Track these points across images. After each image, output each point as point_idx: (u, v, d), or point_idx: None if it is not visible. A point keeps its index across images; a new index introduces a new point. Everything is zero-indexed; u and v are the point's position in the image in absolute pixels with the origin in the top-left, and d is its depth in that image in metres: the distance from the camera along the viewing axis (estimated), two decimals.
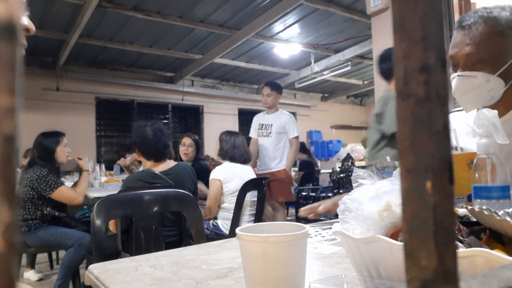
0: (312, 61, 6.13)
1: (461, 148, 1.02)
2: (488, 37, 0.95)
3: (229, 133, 2.81)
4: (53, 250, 3.03)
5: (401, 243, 0.35)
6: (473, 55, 0.97)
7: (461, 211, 0.54)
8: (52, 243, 2.48)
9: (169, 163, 2.19)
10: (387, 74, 2.32)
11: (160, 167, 2.13)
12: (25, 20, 0.65)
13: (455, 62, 1.02)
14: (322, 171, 5.95)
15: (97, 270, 0.72)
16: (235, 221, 2.41)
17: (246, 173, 2.70)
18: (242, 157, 2.72)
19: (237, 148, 2.72)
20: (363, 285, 0.47)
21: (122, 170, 4.58)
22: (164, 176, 2.06)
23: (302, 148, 5.60)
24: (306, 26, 5.12)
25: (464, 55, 0.98)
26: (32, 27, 0.66)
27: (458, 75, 0.99)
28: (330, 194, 4.13)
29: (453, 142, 0.88)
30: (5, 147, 0.11)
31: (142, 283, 0.62)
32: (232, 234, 2.35)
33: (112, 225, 1.98)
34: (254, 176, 2.76)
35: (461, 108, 1.23)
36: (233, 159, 2.69)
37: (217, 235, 2.50)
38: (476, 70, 0.97)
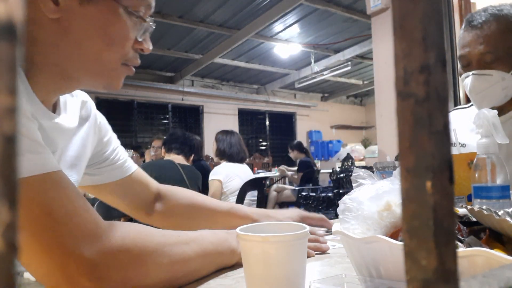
0: (312, 61, 6.14)
1: (462, 144, 1.03)
2: (502, 35, 0.96)
3: (224, 132, 2.82)
4: None
5: (401, 243, 0.35)
6: (488, 54, 0.97)
7: (461, 211, 0.54)
8: None
9: (183, 160, 2.44)
10: None
11: (179, 160, 2.37)
12: (147, 41, 0.64)
13: (466, 62, 1.03)
14: (322, 171, 5.94)
15: None
16: None
17: (244, 172, 2.70)
18: (239, 155, 2.73)
19: (233, 147, 2.72)
20: (363, 285, 0.47)
21: None
22: (180, 168, 2.27)
23: (300, 147, 5.59)
24: (306, 26, 5.12)
25: (478, 54, 0.99)
26: (148, 46, 0.64)
27: (473, 74, 1.00)
28: (330, 194, 4.13)
29: (452, 139, 0.89)
30: (5, 147, 0.11)
31: None
32: None
33: None
34: (252, 175, 2.76)
35: (464, 106, 1.23)
36: (231, 158, 2.69)
37: None
38: (491, 68, 0.98)
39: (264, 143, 8.46)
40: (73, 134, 0.70)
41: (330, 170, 4.78)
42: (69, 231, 0.46)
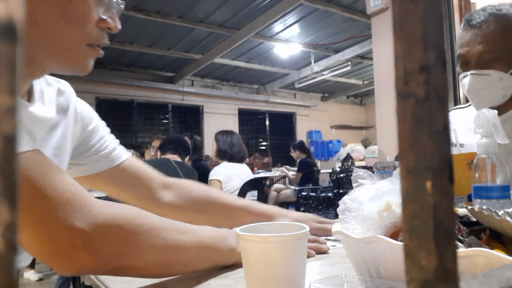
0: (312, 61, 6.13)
1: (461, 144, 1.03)
2: (501, 34, 0.96)
3: (224, 132, 2.82)
4: None
5: (401, 243, 0.35)
6: (486, 53, 0.97)
7: (461, 211, 0.54)
8: None
9: (179, 159, 2.56)
10: None
11: (174, 158, 2.49)
12: (111, 19, 0.60)
13: (465, 61, 1.02)
14: (322, 171, 5.94)
15: None
16: None
17: (244, 172, 2.70)
18: (239, 155, 2.73)
19: (234, 147, 2.72)
20: (363, 285, 0.47)
21: None
22: (175, 165, 2.37)
23: (302, 147, 5.59)
24: (306, 26, 5.12)
25: (477, 54, 0.98)
26: (115, 25, 0.60)
27: (471, 74, 1.00)
28: (330, 194, 4.13)
29: (453, 139, 0.88)
30: (5, 147, 0.11)
31: (142, 283, 0.62)
32: None
33: None
34: (252, 175, 2.76)
35: (463, 106, 1.23)
36: (231, 158, 2.69)
37: None
38: (489, 68, 0.97)
39: (264, 143, 8.45)
40: (53, 125, 0.68)
41: (330, 170, 4.78)
42: (59, 204, 0.46)
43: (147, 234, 0.53)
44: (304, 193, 4.43)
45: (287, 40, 5.57)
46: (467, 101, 1.15)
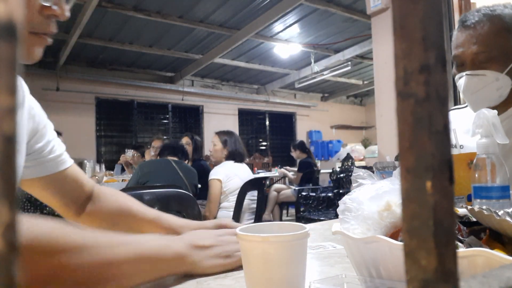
0: (312, 61, 6.13)
1: (461, 145, 1.03)
2: (495, 35, 0.96)
3: (227, 132, 2.82)
4: None
5: (401, 243, 0.35)
6: (481, 54, 0.97)
7: (461, 211, 0.54)
8: None
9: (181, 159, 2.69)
10: None
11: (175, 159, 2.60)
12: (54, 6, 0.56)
13: (460, 62, 1.02)
14: (322, 171, 5.94)
15: None
16: (235, 221, 2.42)
17: (244, 172, 2.70)
18: (242, 155, 2.76)
19: (239, 147, 2.74)
20: (363, 285, 0.47)
21: (122, 170, 4.58)
22: (174, 164, 2.45)
23: (302, 147, 5.59)
24: (306, 26, 5.12)
25: (472, 54, 0.98)
26: (60, 12, 0.57)
27: (467, 74, 0.99)
28: (330, 194, 4.13)
29: (453, 140, 0.88)
30: (5, 147, 0.11)
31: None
32: None
33: None
34: (252, 175, 2.77)
35: (461, 106, 1.23)
36: (235, 158, 2.70)
37: None
38: (485, 68, 0.97)
39: (264, 143, 8.45)
40: None
41: (330, 170, 4.78)
42: None
43: (64, 254, 0.47)
44: (304, 193, 4.43)
45: (287, 40, 5.57)
46: None
